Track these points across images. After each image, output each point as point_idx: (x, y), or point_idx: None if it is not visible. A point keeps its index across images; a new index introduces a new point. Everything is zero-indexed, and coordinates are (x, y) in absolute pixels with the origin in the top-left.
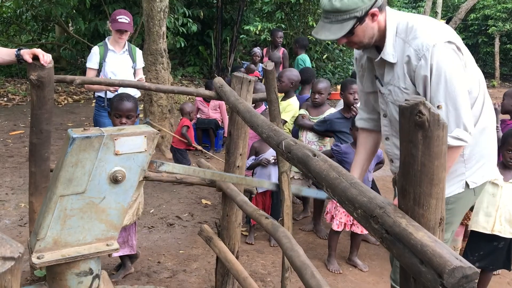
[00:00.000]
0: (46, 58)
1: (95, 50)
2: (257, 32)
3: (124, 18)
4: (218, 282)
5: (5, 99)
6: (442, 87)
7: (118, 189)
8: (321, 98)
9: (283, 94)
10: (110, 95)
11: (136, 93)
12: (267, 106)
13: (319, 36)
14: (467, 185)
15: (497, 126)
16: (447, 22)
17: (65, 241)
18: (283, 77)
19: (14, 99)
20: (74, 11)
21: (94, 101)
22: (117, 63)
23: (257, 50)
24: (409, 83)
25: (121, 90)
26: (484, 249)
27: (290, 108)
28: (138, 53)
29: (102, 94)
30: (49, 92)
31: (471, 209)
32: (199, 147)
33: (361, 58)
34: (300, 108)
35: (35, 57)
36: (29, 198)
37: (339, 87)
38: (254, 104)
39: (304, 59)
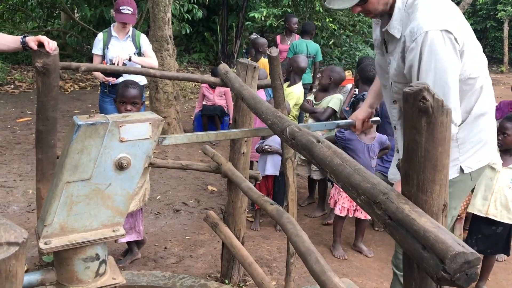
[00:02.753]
0: (51, 45)
1: (99, 37)
2: (263, 19)
3: (127, 9)
4: (224, 268)
5: (12, 86)
6: (431, 76)
7: (123, 176)
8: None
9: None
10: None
11: (141, 80)
12: (271, 93)
13: (332, 5)
14: (461, 170)
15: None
16: None
17: (72, 227)
18: (288, 62)
19: (21, 86)
20: None
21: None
22: (119, 50)
23: (253, 37)
24: (400, 63)
25: (128, 77)
26: (483, 232)
27: (292, 96)
28: (142, 38)
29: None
30: (55, 79)
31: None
32: None
33: None
34: None
35: (40, 44)
36: (36, 184)
37: (346, 73)
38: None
39: (297, 44)
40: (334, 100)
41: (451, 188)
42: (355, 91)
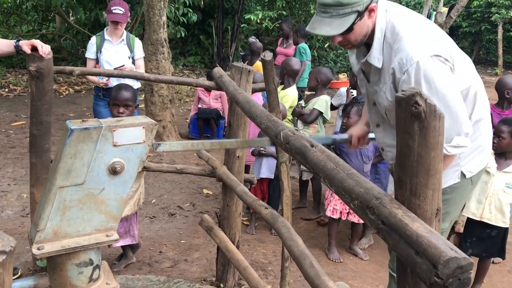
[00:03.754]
0: (44, 49)
1: (93, 40)
2: (258, 21)
3: (118, 9)
4: (219, 272)
5: (7, 90)
6: (436, 100)
7: (117, 180)
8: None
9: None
10: None
11: (134, 83)
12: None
13: (318, 31)
14: (463, 175)
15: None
16: (450, 9)
17: (65, 232)
18: (281, 65)
19: (16, 90)
20: (74, 0)
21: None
22: (113, 53)
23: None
24: (394, 95)
25: (122, 80)
26: (478, 235)
27: (287, 98)
28: (137, 43)
29: None
30: (49, 83)
31: None
32: None
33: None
34: None
35: (34, 48)
36: (30, 189)
37: (341, 76)
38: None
39: (305, 48)
40: (320, 102)
41: (452, 194)
42: (352, 93)
